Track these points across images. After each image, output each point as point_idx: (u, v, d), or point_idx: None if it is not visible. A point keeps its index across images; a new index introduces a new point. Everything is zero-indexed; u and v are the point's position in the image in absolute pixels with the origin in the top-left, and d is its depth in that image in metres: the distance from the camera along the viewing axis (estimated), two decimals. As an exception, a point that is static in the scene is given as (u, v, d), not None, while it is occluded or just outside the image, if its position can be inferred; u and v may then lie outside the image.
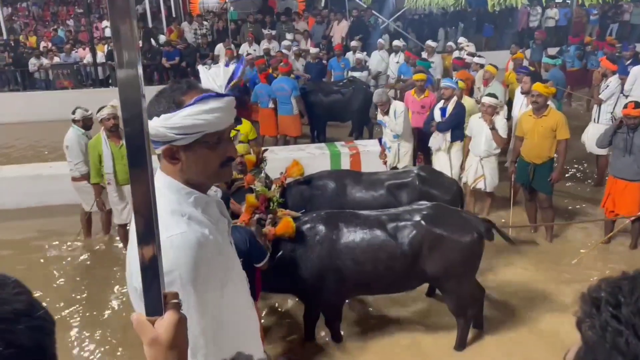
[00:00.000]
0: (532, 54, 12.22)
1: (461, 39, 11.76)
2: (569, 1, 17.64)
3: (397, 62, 10.89)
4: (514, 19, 17.50)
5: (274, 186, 4.60)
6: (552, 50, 11.85)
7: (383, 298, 4.66)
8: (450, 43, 12.10)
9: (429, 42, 10.87)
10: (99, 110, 5.46)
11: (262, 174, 4.69)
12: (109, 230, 6.27)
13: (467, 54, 9.88)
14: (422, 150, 7.22)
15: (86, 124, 5.95)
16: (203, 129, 1.48)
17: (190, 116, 1.46)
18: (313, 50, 11.70)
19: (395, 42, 11.57)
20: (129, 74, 1.02)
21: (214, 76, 1.55)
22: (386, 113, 6.46)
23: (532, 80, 6.24)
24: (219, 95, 1.49)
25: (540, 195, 5.75)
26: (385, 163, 6.81)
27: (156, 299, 1.12)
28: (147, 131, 1.05)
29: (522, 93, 6.56)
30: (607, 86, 7.01)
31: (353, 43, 11.91)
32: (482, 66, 8.44)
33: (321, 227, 3.85)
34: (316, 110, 9.10)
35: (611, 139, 5.43)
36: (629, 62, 9.09)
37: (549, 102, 5.61)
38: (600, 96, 7.02)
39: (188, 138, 1.48)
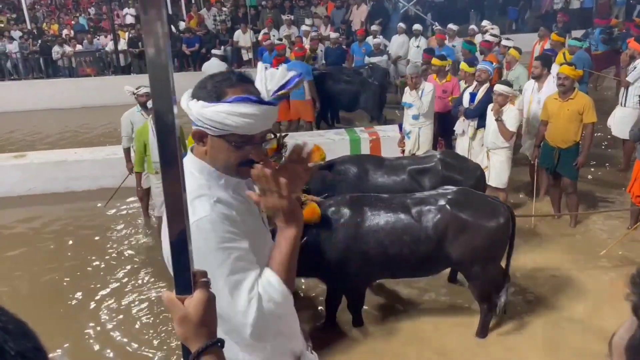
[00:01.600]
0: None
1: (485, 22, 11.51)
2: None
3: (418, 47, 10.74)
4: (538, 1, 17.07)
5: None
6: (577, 33, 11.54)
7: (405, 283, 4.67)
8: (472, 26, 11.86)
9: (450, 26, 10.68)
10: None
11: (283, 160, 4.68)
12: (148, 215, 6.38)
13: (490, 36, 9.70)
14: (442, 136, 7.15)
15: (139, 101, 5.97)
16: (231, 129, 1.49)
17: (222, 113, 1.46)
18: (333, 35, 11.62)
19: (415, 26, 11.39)
20: (160, 63, 1.02)
21: (269, 78, 1.54)
22: (415, 89, 6.36)
23: (542, 65, 6.09)
24: (258, 102, 1.48)
25: (565, 180, 5.65)
26: (403, 151, 6.72)
27: (186, 278, 1.14)
28: (176, 113, 1.06)
29: (533, 78, 6.37)
30: (635, 68, 6.81)
31: (373, 27, 11.78)
32: (509, 49, 8.27)
33: (346, 210, 3.85)
34: (323, 97, 9.13)
35: None
36: None
37: (575, 85, 5.49)
38: (627, 78, 6.84)
39: (216, 131, 1.51)
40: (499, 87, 5.48)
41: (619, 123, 6.94)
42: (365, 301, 4.30)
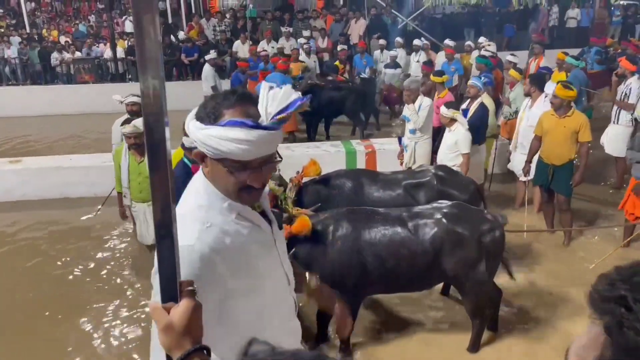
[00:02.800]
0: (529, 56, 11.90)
1: (481, 39, 11.65)
2: (592, 1, 17.36)
3: (418, 61, 10.84)
4: (535, 19, 17.24)
5: (290, 185, 4.56)
6: (573, 52, 11.65)
7: (397, 296, 4.66)
8: (468, 42, 11.99)
9: (447, 42, 10.79)
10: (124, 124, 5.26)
11: (277, 173, 4.65)
12: None
13: (486, 52, 9.83)
14: (437, 151, 7.15)
15: (127, 110, 5.99)
16: (224, 155, 1.42)
17: (214, 137, 1.40)
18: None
19: (416, 42, 11.52)
20: (154, 85, 1.03)
21: (270, 99, 1.46)
22: (412, 102, 6.41)
23: (531, 83, 6.14)
24: (254, 127, 1.40)
25: (559, 197, 5.67)
26: (401, 163, 6.77)
27: (172, 287, 1.15)
28: (167, 122, 1.07)
29: (525, 95, 6.45)
30: (630, 89, 6.88)
31: (381, 41, 11.90)
32: (514, 65, 8.36)
33: (342, 223, 3.85)
34: (312, 107, 9.17)
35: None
36: None
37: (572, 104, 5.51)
38: (630, 101, 6.86)
39: (212, 154, 1.45)
40: (442, 110, 5.71)
41: (612, 141, 7.01)
42: (358, 316, 4.27)
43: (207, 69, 10.19)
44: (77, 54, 13.90)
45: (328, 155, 7.52)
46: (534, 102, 6.10)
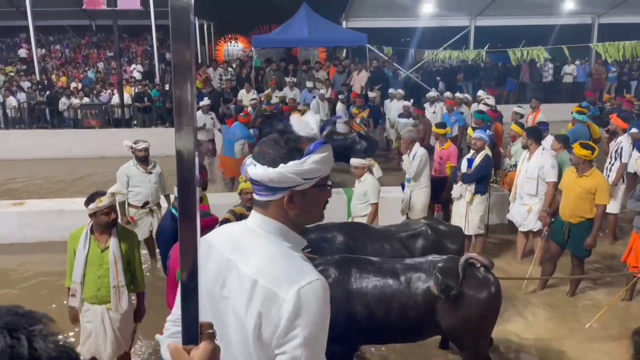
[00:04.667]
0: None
1: (480, 92, 11.98)
2: (587, 58, 17.91)
3: (434, 113, 11.07)
4: (533, 74, 17.74)
5: None
6: (568, 107, 11.92)
7: (392, 345, 4.60)
8: (465, 95, 12.32)
9: (458, 94, 11.11)
10: (90, 199, 3.97)
11: None
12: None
13: (484, 105, 10.08)
14: (435, 200, 7.20)
15: (145, 155, 6.17)
16: (321, 174, 1.54)
17: (315, 162, 1.50)
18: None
19: (431, 93, 11.89)
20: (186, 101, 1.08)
21: (311, 125, 1.57)
22: (408, 151, 6.55)
23: (528, 136, 6.26)
24: (326, 143, 1.55)
25: (573, 256, 5.63)
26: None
27: (193, 329, 1.18)
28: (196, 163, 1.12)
29: (523, 147, 6.58)
30: (622, 147, 7.01)
31: (391, 91, 12.25)
32: (521, 116, 8.54)
33: (334, 271, 3.81)
34: None
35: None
36: None
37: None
38: (623, 161, 6.99)
39: (310, 182, 1.53)
40: (353, 161, 5.87)
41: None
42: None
43: (200, 115, 10.59)
44: (85, 99, 14.21)
45: (329, 202, 7.55)
46: (531, 155, 6.20)
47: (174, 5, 1.01)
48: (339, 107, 12.26)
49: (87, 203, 3.97)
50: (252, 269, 1.45)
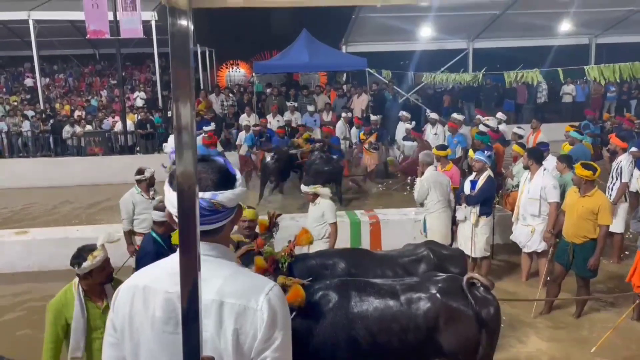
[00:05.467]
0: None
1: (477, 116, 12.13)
2: (586, 78, 18.05)
3: (435, 134, 11.17)
4: (530, 94, 17.92)
5: (281, 253, 4.50)
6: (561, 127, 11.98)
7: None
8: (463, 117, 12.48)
9: (455, 115, 11.18)
10: (79, 257, 3.44)
11: (274, 239, 4.66)
12: None
13: (483, 126, 10.16)
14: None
15: (151, 182, 6.28)
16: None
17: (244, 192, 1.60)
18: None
19: (432, 115, 12.03)
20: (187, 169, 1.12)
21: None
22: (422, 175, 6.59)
23: (529, 157, 6.30)
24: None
25: (578, 276, 5.60)
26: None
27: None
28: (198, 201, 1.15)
29: (524, 168, 6.60)
30: (621, 167, 7.03)
31: (403, 113, 12.39)
32: (520, 137, 8.59)
33: (334, 295, 3.75)
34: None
35: None
36: None
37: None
38: (624, 180, 7.00)
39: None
40: (303, 188, 6.04)
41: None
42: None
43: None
44: (88, 127, 14.35)
45: (332, 226, 7.56)
46: (533, 175, 6.22)
47: (174, 32, 1.04)
48: (339, 125, 12.45)
49: (76, 263, 3.39)
50: (212, 293, 1.45)
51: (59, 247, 7.21)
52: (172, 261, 1.52)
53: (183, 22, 0.97)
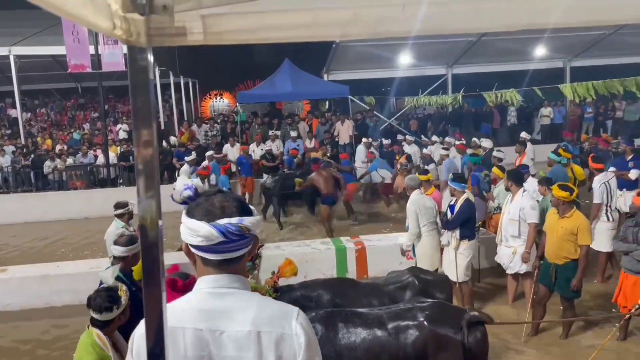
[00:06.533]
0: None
1: (448, 138, 12.50)
2: (562, 100, 18.48)
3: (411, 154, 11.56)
4: (503, 118, 18.40)
5: (266, 286, 4.40)
6: (547, 148, 12.22)
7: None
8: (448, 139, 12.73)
9: (448, 139, 11.53)
10: (104, 307, 3.05)
11: (256, 271, 4.56)
12: None
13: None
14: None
15: (131, 215, 6.20)
16: None
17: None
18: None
19: (434, 138, 12.73)
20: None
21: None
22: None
23: (508, 179, 6.39)
24: None
25: (562, 297, 5.62)
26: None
27: None
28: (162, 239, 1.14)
29: (505, 189, 6.67)
30: (598, 186, 7.15)
31: (408, 137, 12.87)
32: (499, 160, 8.70)
33: (320, 327, 3.71)
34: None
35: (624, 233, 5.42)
36: (630, 157, 8.82)
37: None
38: (595, 201, 7.12)
39: None
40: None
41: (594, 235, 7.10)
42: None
43: (185, 167, 10.95)
44: (69, 160, 14.23)
45: (318, 253, 7.53)
46: (513, 197, 6.27)
47: (133, 66, 1.04)
48: (360, 148, 12.80)
49: (103, 310, 3.01)
50: (248, 325, 1.47)
51: (40, 285, 7.08)
52: (196, 298, 1.53)
53: (143, 62, 0.97)
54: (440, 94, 17.29)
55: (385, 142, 13.25)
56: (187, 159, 11.24)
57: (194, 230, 1.47)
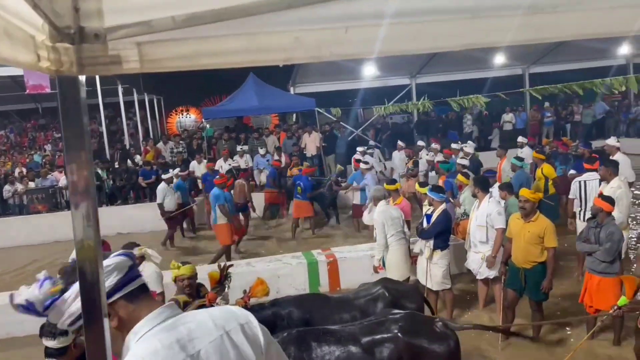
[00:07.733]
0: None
1: (420, 142, 12.79)
2: (523, 105, 19.01)
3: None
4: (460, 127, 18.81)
5: (236, 306, 4.32)
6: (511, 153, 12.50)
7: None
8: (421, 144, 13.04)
9: (434, 145, 12.10)
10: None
11: (226, 291, 4.43)
12: None
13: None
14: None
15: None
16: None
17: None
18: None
19: (419, 143, 13.40)
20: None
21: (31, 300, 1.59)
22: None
23: (474, 184, 6.51)
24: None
25: (531, 300, 5.69)
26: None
27: None
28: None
29: (472, 196, 6.78)
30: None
31: (399, 143, 13.16)
32: (464, 166, 8.86)
33: (293, 349, 3.64)
34: None
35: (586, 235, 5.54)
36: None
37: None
38: (569, 196, 7.37)
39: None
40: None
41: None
42: None
43: (163, 186, 10.68)
44: (30, 184, 13.79)
45: (290, 267, 7.49)
46: (480, 203, 6.36)
47: (64, 96, 0.99)
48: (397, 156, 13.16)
49: (57, 335, 2.86)
50: (214, 331, 1.54)
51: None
52: (207, 312, 1.61)
53: (74, 91, 0.94)
54: (405, 101, 17.61)
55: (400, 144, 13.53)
56: (164, 176, 10.97)
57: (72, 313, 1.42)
